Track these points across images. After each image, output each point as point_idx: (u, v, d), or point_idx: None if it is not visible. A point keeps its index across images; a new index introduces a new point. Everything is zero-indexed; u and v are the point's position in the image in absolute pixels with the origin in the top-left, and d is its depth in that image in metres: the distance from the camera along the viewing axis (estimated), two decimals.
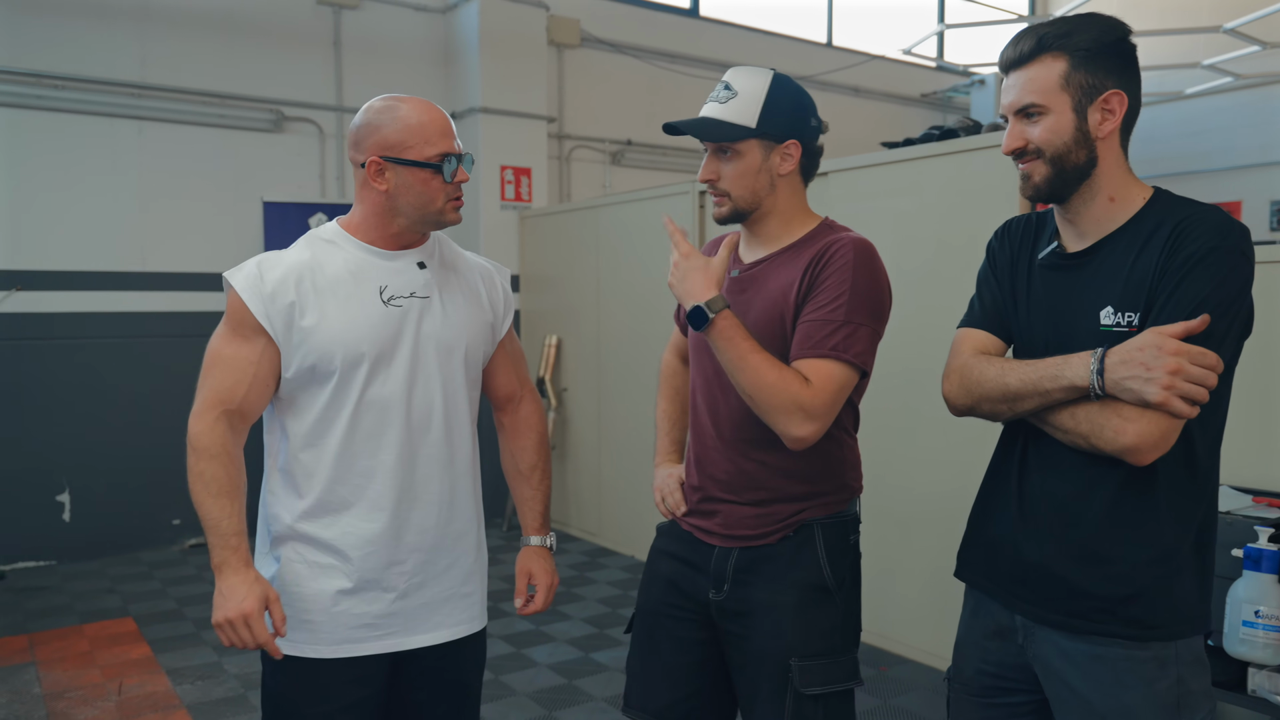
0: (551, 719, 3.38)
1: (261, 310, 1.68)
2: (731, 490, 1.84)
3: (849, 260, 1.71)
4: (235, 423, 1.70)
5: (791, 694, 1.75)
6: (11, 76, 5.24)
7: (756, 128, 1.77)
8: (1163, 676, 1.48)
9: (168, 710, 3.44)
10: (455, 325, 1.80)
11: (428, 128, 1.72)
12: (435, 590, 1.81)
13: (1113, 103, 1.49)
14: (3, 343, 5.26)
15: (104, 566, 5.30)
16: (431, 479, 1.79)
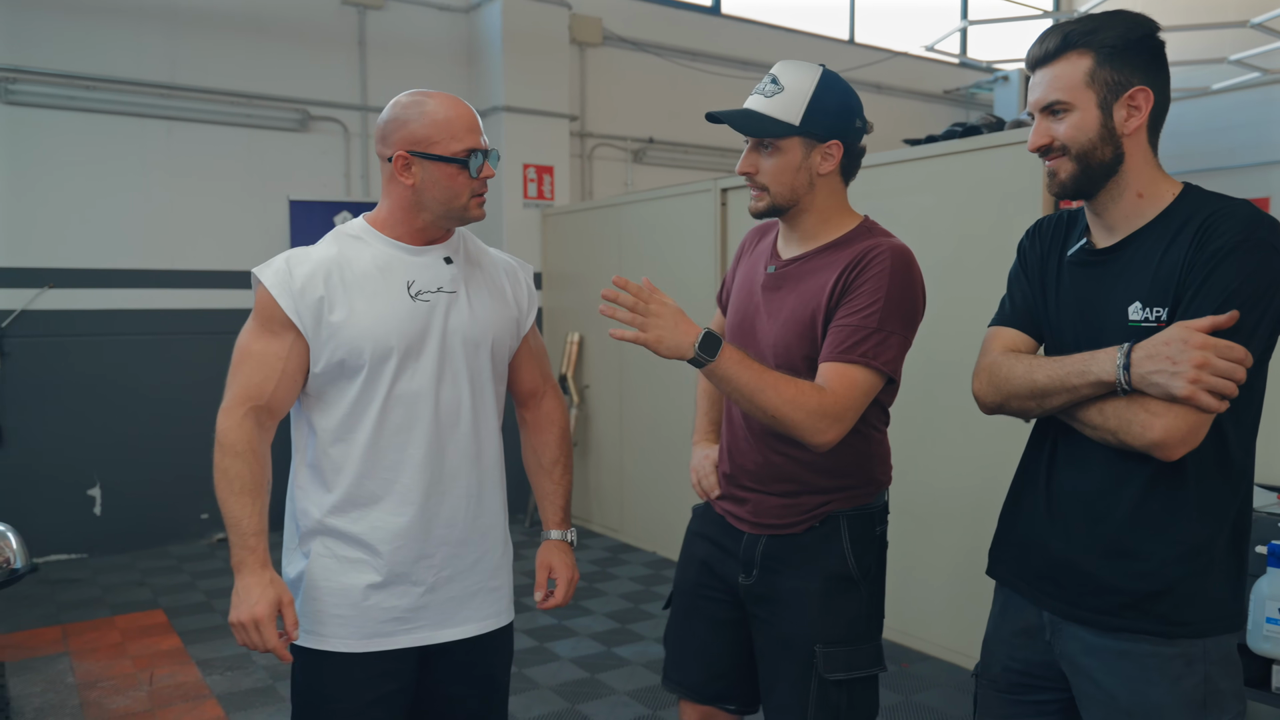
0: (575, 712, 3.42)
1: (291, 306, 1.69)
2: (760, 481, 1.88)
3: (886, 268, 1.72)
4: (263, 419, 1.72)
5: (815, 679, 1.80)
6: (44, 78, 5.33)
7: (800, 125, 1.76)
8: (1190, 674, 1.48)
9: (198, 700, 3.51)
10: (481, 320, 1.81)
11: (455, 123, 1.72)
12: (464, 584, 1.82)
13: (1138, 99, 1.50)
14: (35, 339, 5.36)
15: (134, 560, 5.39)
16: (460, 473, 1.79)
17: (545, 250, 6.58)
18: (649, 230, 5.62)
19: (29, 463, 5.31)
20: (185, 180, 5.77)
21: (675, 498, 5.45)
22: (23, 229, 5.33)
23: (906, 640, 4.01)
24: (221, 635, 4.18)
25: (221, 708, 3.44)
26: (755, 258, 1.98)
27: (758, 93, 1.81)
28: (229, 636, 4.16)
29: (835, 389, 1.68)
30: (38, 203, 5.36)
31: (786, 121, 1.76)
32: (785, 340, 1.80)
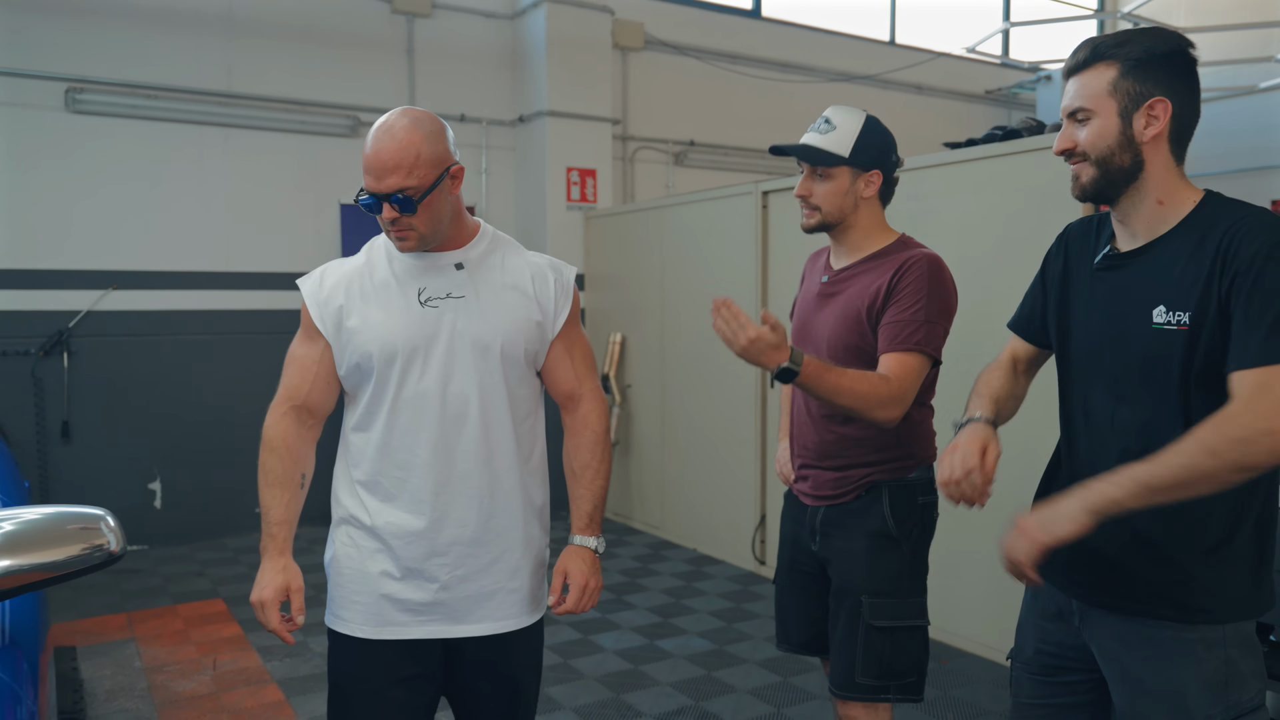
0: (619, 701, 3.52)
1: (317, 314, 1.85)
2: (818, 458, 2.23)
3: (924, 271, 2.07)
4: (304, 417, 1.87)
5: (863, 626, 2.11)
6: (108, 87, 5.55)
7: (849, 157, 2.13)
8: (1210, 657, 1.55)
9: (259, 684, 3.66)
10: (491, 323, 1.84)
11: (366, 161, 1.75)
12: (480, 584, 1.86)
13: (1157, 109, 1.56)
14: (99, 339, 5.58)
15: (192, 551, 5.59)
16: (470, 474, 1.83)
17: (588, 252, 6.69)
18: (690, 232, 5.71)
19: (94, 457, 5.53)
20: (241, 185, 5.96)
21: (715, 496, 5.54)
22: (88, 233, 5.55)
23: (945, 638, 4.06)
24: None
25: (282, 691, 3.59)
26: (813, 275, 2.34)
27: (814, 130, 2.19)
28: None
29: (897, 375, 2.01)
30: (102, 208, 5.58)
31: (838, 154, 2.13)
32: (838, 334, 2.15)
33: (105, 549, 1.65)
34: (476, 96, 6.70)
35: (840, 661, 2.16)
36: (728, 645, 4.09)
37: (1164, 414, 1.57)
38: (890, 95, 8.68)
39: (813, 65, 8.19)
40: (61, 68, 5.43)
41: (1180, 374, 1.54)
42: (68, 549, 1.59)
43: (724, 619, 4.43)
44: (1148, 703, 1.59)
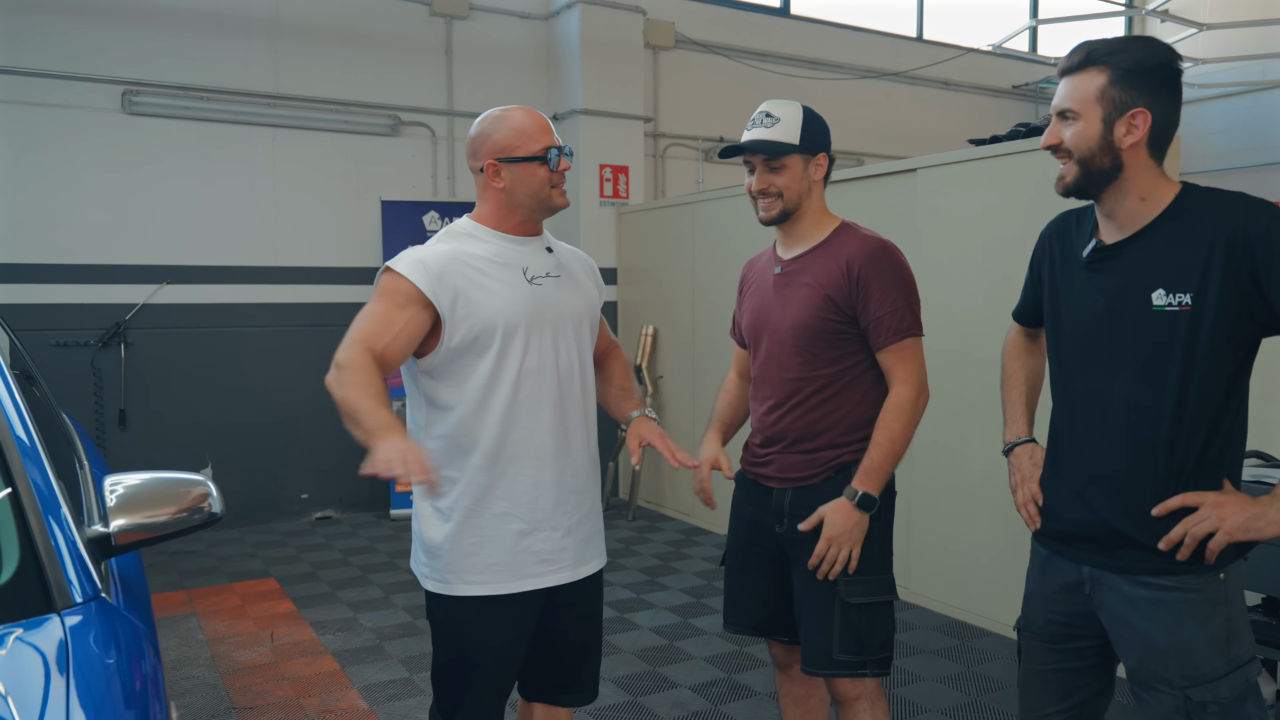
0: (656, 673, 3.70)
1: (429, 287, 1.90)
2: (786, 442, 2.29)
3: (886, 262, 2.20)
4: (377, 362, 1.85)
5: (839, 605, 2.18)
6: (162, 89, 5.80)
7: (799, 145, 2.22)
8: (1215, 615, 1.71)
9: (315, 655, 3.88)
10: (581, 298, 2.12)
11: (530, 128, 2.02)
12: (588, 527, 2.12)
13: (1138, 119, 1.69)
14: (153, 330, 5.83)
15: (243, 534, 5.83)
16: (577, 430, 2.08)
17: (621, 247, 6.87)
18: (720, 227, 5.87)
19: (148, 443, 5.78)
20: (287, 183, 6.19)
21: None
22: (144, 230, 5.80)
23: (967, 617, 4.20)
24: (330, 601, 4.56)
25: (337, 662, 3.80)
26: (756, 275, 2.43)
27: (759, 126, 2.24)
28: (337, 603, 4.54)
29: (904, 376, 2.19)
30: (156, 205, 5.83)
31: (789, 143, 2.22)
32: (802, 319, 2.22)
33: (208, 509, 1.84)
34: (512, 95, 6.89)
35: (815, 640, 2.21)
36: None
37: (1163, 389, 1.71)
38: (918, 91, 8.78)
39: (841, 62, 8.31)
40: (118, 71, 5.68)
41: (1183, 350, 1.68)
42: (175, 509, 1.77)
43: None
44: (1158, 660, 1.73)
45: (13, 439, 1.72)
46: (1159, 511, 1.72)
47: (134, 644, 1.55)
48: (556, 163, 2.02)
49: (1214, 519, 1.67)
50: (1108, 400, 1.79)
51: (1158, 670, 1.74)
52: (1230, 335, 1.68)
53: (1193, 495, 1.71)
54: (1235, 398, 1.74)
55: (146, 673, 1.53)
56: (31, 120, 5.50)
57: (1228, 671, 1.70)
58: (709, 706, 3.42)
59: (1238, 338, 1.69)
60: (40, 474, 1.71)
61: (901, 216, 4.49)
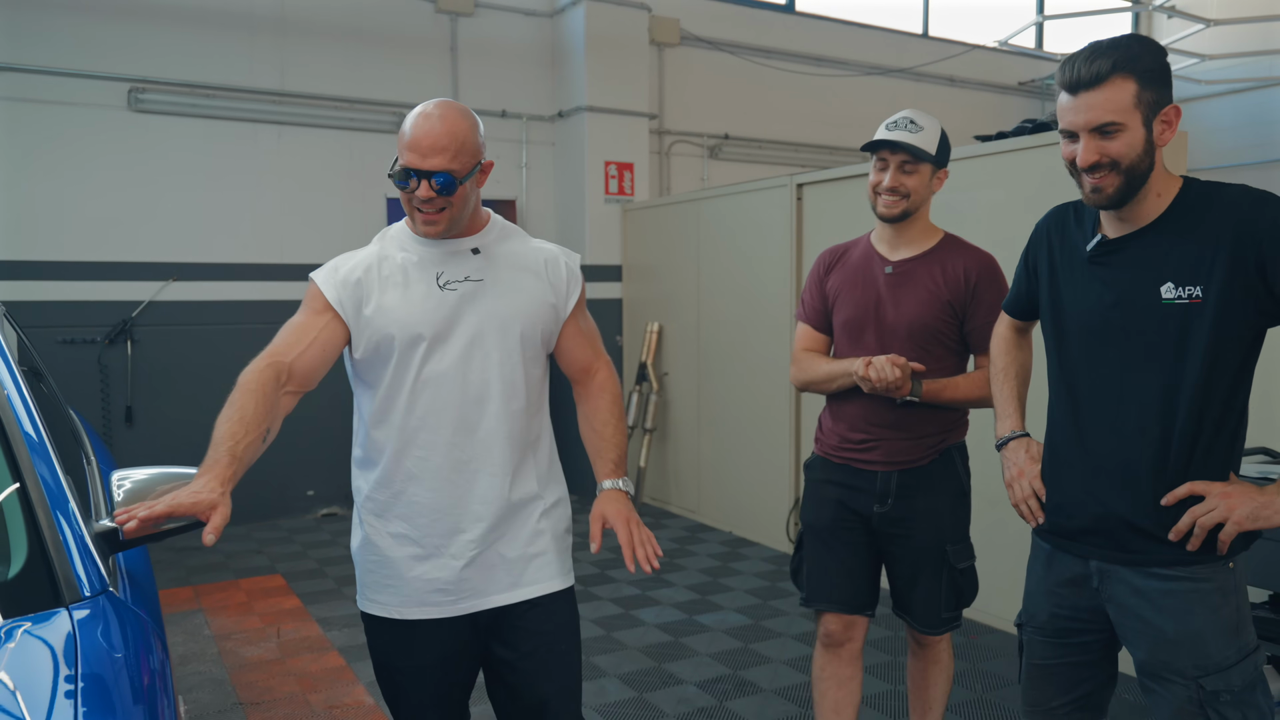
0: (661, 670, 3.71)
1: (334, 295, 1.87)
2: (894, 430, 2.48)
3: (998, 276, 2.45)
4: (282, 375, 1.81)
5: (948, 570, 2.48)
6: (169, 87, 5.81)
7: (935, 156, 2.43)
8: (1225, 605, 1.73)
9: (321, 651, 3.89)
10: (510, 304, 1.90)
11: (403, 138, 1.80)
12: (503, 553, 1.91)
13: (1170, 114, 1.70)
14: (160, 327, 5.85)
15: (249, 531, 5.84)
16: (492, 450, 1.88)
17: (626, 244, 6.87)
18: (725, 224, 5.87)
19: (155, 440, 5.79)
20: (293, 180, 6.20)
21: (750, 480, 5.70)
22: (150, 227, 5.81)
23: (975, 615, 4.20)
24: (336, 597, 4.57)
25: (343, 658, 3.81)
26: (853, 269, 2.56)
27: (901, 129, 2.42)
28: (343, 599, 4.55)
29: None
30: (162, 203, 5.84)
31: (929, 151, 2.42)
32: (921, 317, 2.43)
33: None
34: (517, 92, 6.90)
35: (928, 605, 2.51)
36: (764, 620, 4.26)
37: (1173, 381, 1.72)
38: (923, 88, 8.76)
39: (846, 59, 8.30)
40: (124, 69, 5.69)
41: (1193, 342, 1.69)
42: None
43: (759, 596, 4.60)
44: (1170, 651, 1.74)
45: (21, 435, 1.73)
46: (1168, 501, 1.73)
47: (141, 638, 1.56)
48: (409, 186, 1.79)
49: (1223, 509, 1.69)
50: (1116, 393, 1.79)
51: (1169, 661, 1.75)
52: (1238, 327, 1.70)
53: (1200, 485, 1.72)
54: (1242, 389, 1.75)
55: (154, 667, 1.53)
56: (38, 118, 5.51)
57: (1239, 660, 1.72)
58: (714, 703, 3.42)
59: (1245, 329, 1.71)
60: (48, 469, 1.72)
61: None
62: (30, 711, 1.23)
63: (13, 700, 1.23)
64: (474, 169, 1.82)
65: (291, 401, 1.87)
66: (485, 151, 1.87)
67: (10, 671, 1.29)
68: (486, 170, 1.89)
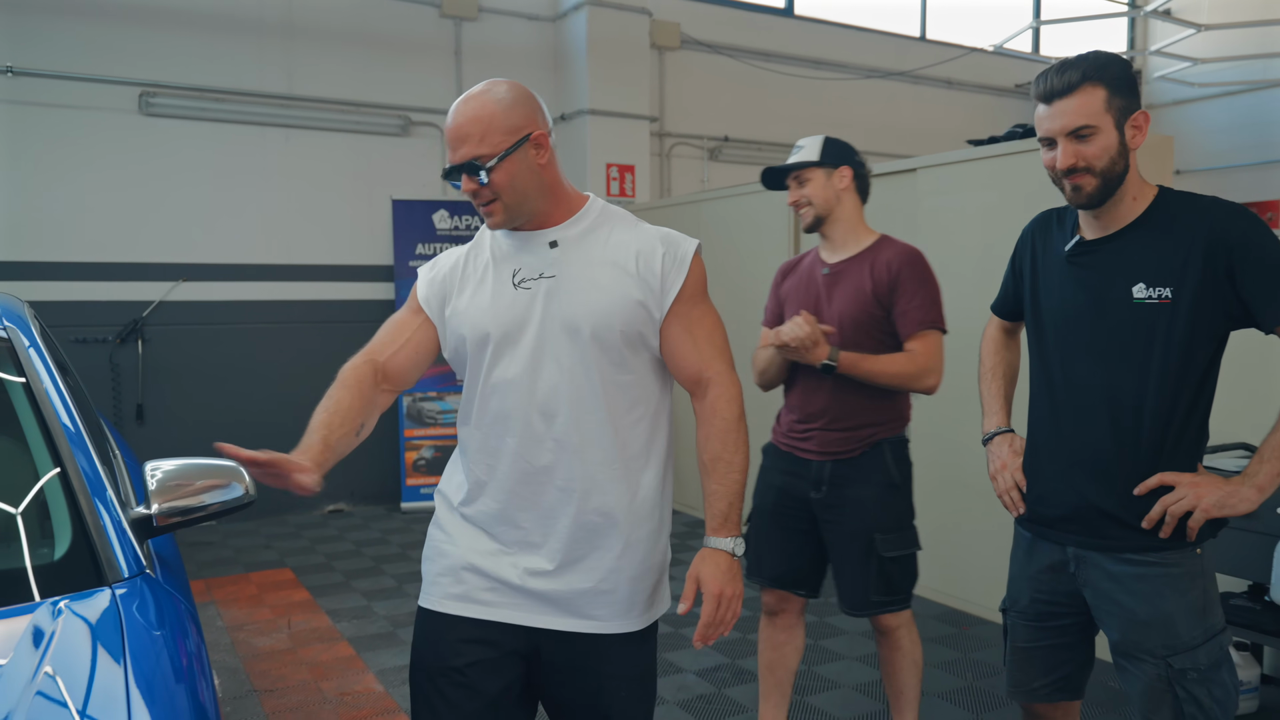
0: (662, 659, 3.81)
1: (424, 292, 1.84)
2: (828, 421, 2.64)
3: (916, 265, 2.61)
4: (378, 373, 1.78)
5: (876, 558, 2.59)
6: (179, 91, 5.92)
7: (819, 160, 2.64)
8: (1193, 588, 1.84)
9: (331, 641, 4.00)
10: (582, 303, 1.71)
11: (446, 135, 1.73)
12: (569, 580, 1.72)
13: (1139, 119, 1.81)
14: (170, 327, 5.96)
15: (258, 526, 5.95)
16: (557, 467, 1.71)
17: None
18: (725, 226, 5.98)
19: (165, 437, 5.90)
20: (300, 182, 6.32)
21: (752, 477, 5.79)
22: (160, 228, 5.93)
23: (966, 607, 4.31)
24: (345, 590, 4.68)
25: (353, 648, 3.92)
26: (801, 274, 2.79)
27: (791, 159, 2.69)
28: (351, 592, 4.66)
29: (923, 352, 2.55)
30: (172, 205, 5.95)
31: (810, 160, 2.65)
32: (851, 311, 2.61)
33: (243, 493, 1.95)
34: None
35: (854, 587, 2.65)
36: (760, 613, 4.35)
37: (1143, 376, 1.83)
38: (921, 90, 8.87)
39: (845, 62, 8.41)
40: (135, 73, 5.81)
41: (1162, 340, 1.80)
42: (212, 492, 1.89)
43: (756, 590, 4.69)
44: (1141, 631, 1.85)
45: (60, 426, 1.84)
46: (1140, 491, 1.84)
47: (178, 619, 1.66)
48: (459, 183, 1.71)
49: (1191, 498, 1.79)
50: (1090, 388, 1.90)
51: (1140, 641, 1.85)
52: (1206, 327, 1.81)
53: (1170, 475, 1.82)
54: (1208, 385, 1.86)
55: (191, 646, 1.63)
56: (52, 121, 5.63)
57: (1205, 640, 1.83)
58: (713, 690, 3.53)
59: (1212, 329, 1.82)
60: (86, 459, 1.83)
61: (902, 215, 4.60)
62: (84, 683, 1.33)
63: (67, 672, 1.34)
64: (515, 145, 1.66)
65: (389, 399, 1.83)
66: (544, 123, 1.72)
67: (63, 646, 1.40)
68: (540, 142, 1.70)
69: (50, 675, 1.30)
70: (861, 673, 3.65)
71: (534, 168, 1.70)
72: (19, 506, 1.71)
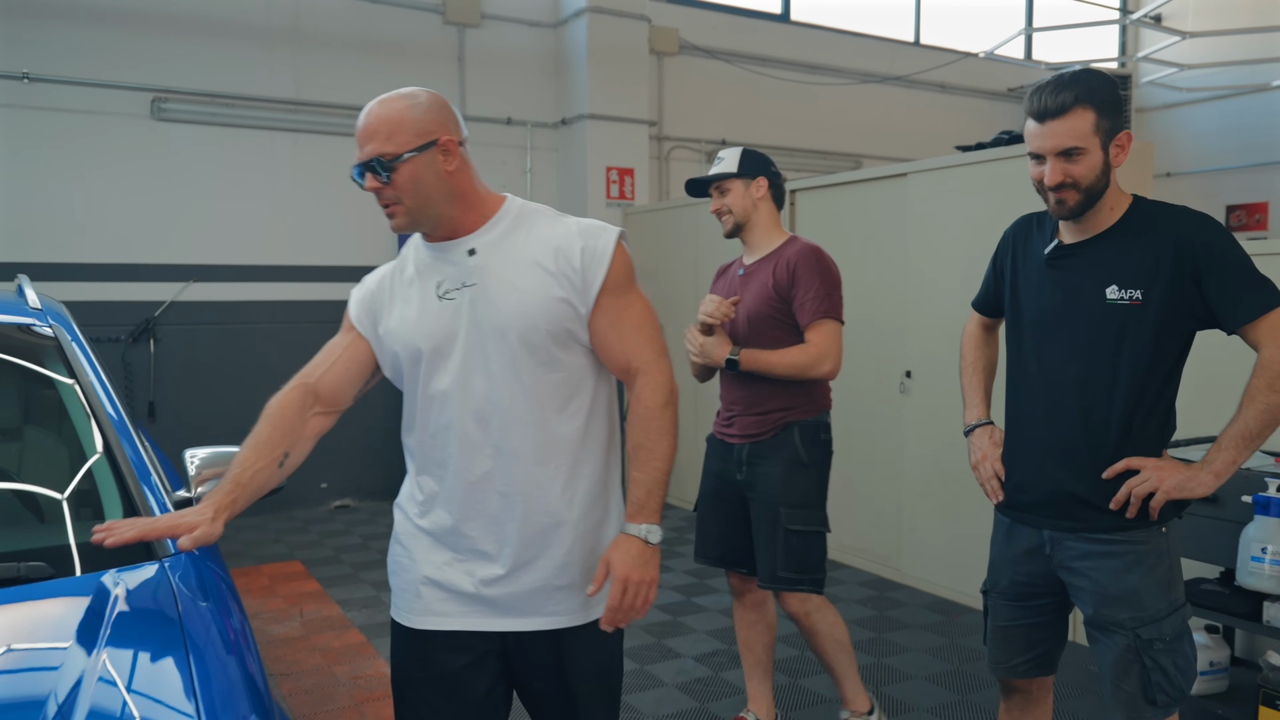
0: (662, 645, 3.97)
1: (355, 313, 1.86)
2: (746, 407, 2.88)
3: (812, 259, 2.82)
4: (310, 400, 1.81)
5: (782, 531, 2.79)
6: (190, 97, 6.07)
7: (738, 172, 2.89)
8: (1160, 564, 2.00)
9: (343, 629, 4.15)
10: (505, 307, 1.71)
11: (358, 133, 1.72)
12: (524, 580, 1.75)
13: (1123, 139, 1.95)
14: (181, 327, 6.11)
15: (266, 521, 6.10)
16: (497, 471, 1.73)
17: None
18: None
19: (176, 434, 6.03)
20: (307, 185, 6.47)
21: None
22: (171, 230, 6.08)
23: (953, 595, 4.47)
24: (354, 581, 4.83)
25: (363, 635, 4.07)
26: (728, 276, 3.04)
27: (713, 169, 2.94)
28: (360, 582, 4.81)
29: (817, 341, 2.75)
30: (183, 207, 6.10)
31: (729, 171, 2.90)
32: (756, 306, 2.85)
33: None
34: (522, 101, 7.16)
35: (765, 560, 2.83)
36: None
37: (1113, 372, 1.98)
38: (915, 94, 9.03)
39: (840, 66, 8.57)
40: (148, 79, 5.95)
41: (1131, 339, 1.94)
42: None
43: None
44: (1111, 605, 2.00)
45: (107, 417, 2.00)
46: (1108, 474, 1.99)
47: (221, 594, 1.81)
48: (362, 181, 1.71)
49: (1154, 480, 1.95)
50: (1063, 381, 2.05)
51: (1110, 614, 2.01)
52: (1173, 327, 1.96)
53: (1136, 460, 1.98)
54: (1173, 380, 2.02)
55: (236, 621, 1.76)
56: (67, 126, 5.77)
57: (1170, 612, 1.99)
58: (710, 673, 3.69)
59: (1179, 330, 1.97)
60: (130, 445, 1.98)
61: (893, 218, 4.76)
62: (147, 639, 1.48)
63: (132, 630, 1.49)
64: (421, 148, 1.66)
65: (324, 422, 1.84)
66: (455, 132, 1.72)
67: (125, 609, 1.55)
68: (447, 148, 1.69)
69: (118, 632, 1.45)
70: None
71: (440, 174, 1.69)
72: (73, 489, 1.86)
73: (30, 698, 1.30)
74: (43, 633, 1.51)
